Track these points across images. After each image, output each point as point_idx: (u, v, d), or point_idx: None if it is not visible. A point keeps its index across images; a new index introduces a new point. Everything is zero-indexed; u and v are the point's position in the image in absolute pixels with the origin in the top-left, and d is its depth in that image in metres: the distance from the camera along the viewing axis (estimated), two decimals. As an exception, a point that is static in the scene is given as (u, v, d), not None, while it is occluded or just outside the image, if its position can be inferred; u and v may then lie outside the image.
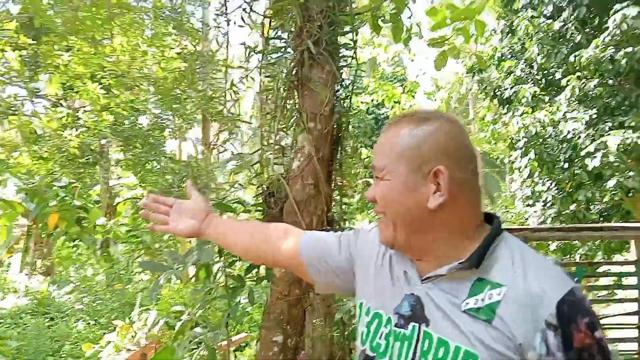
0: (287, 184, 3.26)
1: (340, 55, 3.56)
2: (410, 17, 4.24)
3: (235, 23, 3.59)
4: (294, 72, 3.46)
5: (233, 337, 3.55)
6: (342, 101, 3.44)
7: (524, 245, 1.00)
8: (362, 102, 12.82)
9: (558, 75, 9.39)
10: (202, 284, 2.95)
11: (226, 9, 3.79)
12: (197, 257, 3.16)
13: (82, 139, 10.04)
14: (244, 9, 3.48)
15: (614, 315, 4.63)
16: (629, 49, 7.41)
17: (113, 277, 8.68)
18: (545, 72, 9.88)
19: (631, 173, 7.51)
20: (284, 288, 2.93)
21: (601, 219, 9.49)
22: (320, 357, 2.98)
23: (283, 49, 3.71)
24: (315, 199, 3.16)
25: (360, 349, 1.09)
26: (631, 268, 4.46)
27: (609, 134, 7.59)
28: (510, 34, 10.54)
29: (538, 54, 9.46)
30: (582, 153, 7.93)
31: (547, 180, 9.53)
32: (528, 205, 10.21)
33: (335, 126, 3.42)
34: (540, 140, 8.70)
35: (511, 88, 9.83)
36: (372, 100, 16.12)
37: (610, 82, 8.38)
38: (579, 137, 8.04)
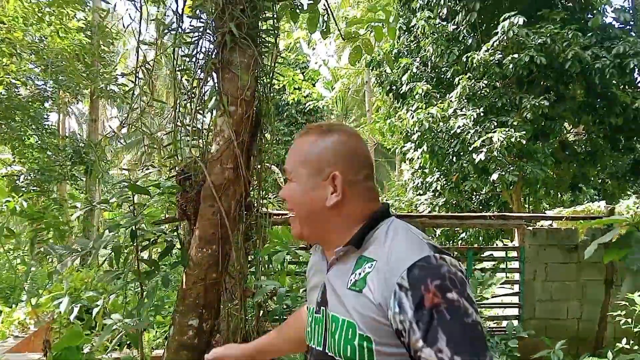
0: (205, 167, 3.20)
1: (261, 40, 3.55)
2: (326, 9, 4.32)
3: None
4: (213, 54, 3.39)
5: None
6: (263, 87, 3.44)
7: (404, 226, 1.14)
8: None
9: (449, 74, 9.99)
10: (112, 268, 2.84)
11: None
12: (108, 241, 3.03)
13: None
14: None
15: (499, 296, 5.11)
16: (515, 55, 8.07)
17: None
18: (438, 70, 10.48)
19: (512, 168, 8.22)
20: (201, 272, 2.90)
21: (481, 208, 10.33)
22: (236, 340, 3.00)
23: (202, 29, 3.62)
24: (234, 184, 3.14)
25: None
26: (514, 253, 4.97)
27: (494, 131, 8.24)
28: (407, 32, 11.01)
29: (432, 53, 10.01)
30: (470, 148, 8.55)
31: (437, 172, 10.16)
32: (419, 194, 10.82)
33: (255, 111, 3.41)
34: (433, 134, 9.24)
35: (407, 84, 10.27)
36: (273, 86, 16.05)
37: (497, 84, 9.09)
38: (468, 132, 8.64)
